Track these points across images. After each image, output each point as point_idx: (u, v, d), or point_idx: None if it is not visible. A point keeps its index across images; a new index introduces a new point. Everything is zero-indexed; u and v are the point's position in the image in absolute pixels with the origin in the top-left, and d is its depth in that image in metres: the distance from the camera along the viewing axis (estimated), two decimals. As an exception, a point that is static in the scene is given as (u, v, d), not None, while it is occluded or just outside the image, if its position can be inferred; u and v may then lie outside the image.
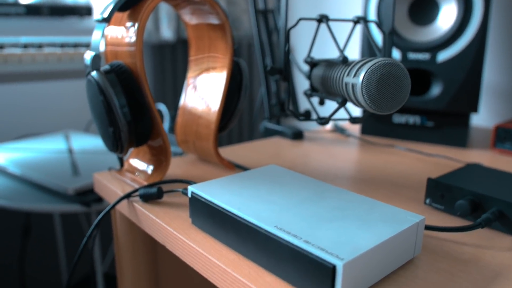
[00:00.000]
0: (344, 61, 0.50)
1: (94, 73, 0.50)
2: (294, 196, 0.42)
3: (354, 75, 0.44)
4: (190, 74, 0.65)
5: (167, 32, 1.56)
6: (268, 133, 0.89)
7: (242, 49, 1.74)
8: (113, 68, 0.52)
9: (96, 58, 0.51)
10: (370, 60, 0.44)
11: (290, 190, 0.43)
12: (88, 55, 0.51)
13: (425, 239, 0.43)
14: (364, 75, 0.42)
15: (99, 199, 0.84)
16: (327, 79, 0.53)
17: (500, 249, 0.42)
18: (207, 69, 0.63)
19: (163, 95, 1.67)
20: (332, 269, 0.30)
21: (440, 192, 0.50)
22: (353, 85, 0.44)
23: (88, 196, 0.84)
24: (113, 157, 1.05)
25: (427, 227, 0.43)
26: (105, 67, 0.52)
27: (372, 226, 0.36)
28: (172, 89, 1.67)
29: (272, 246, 0.35)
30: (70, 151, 1.09)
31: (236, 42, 1.74)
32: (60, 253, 1.52)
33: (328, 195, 0.42)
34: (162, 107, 1.39)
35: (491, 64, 1.06)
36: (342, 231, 0.34)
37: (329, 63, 0.55)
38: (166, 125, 1.28)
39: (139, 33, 0.51)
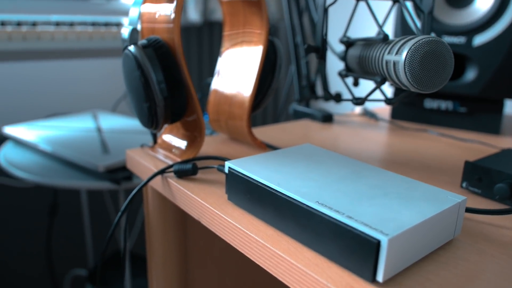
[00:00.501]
0: (385, 39, 0.49)
1: (131, 47, 0.50)
2: (332, 174, 0.41)
3: (396, 53, 0.43)
4: (224, 49, 0.65)
5: (193, 14, 1.55)
6: (297, 115, 0.89)
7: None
8: (151, 42, 0.52)
9: (134, 32, 0.51)
10: (413, 38, 0.43)
11: (328, 168, 0.43)
12: (126, 30, 0.52)
13: (464, 221, 0.43)
14: (408, 52, 0.41)
15: (129, 177, 0.85)
16: (365, 58, 0.53)
17: (542, 233, 0.41)
18: (241, 43, 0.62)
19: (188, 78, 1.67)
20: (377, 244, 0.30)
21: (478, 175, 0.49)
22: (395, 63, 0.44)
23: (118, 173, 0.85)
24: (141, 137, 1.06)
25: (468, 209, 0.42)
26: (142, 41, 0.52)
27: (414, 204, 0.35)
28: (197, 71, 1.67)
29: (313, 221, 0.34)
30: (99, 129, 1.10)
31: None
32: (86, 231, 1.54)
33: (366, 174, 0.42)
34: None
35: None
36: (384, 208, 0.34)
37: (367, 42, 0.54)
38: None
39: (178, 9, 0.51)
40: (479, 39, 0.77)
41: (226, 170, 0.44)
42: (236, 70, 0.62)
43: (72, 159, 0.90)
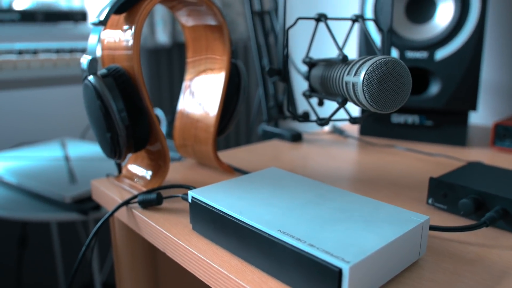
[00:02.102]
0: (344, 60, 0.49)
1: (91, 77, 0.49)
2: (296, 199, 0.41)
3: (355, 74, 0.44)
4: (187, 76, 0.64)
5: (162, 36, 1.55)
6: (267, 135, 0.89)
7: (238, 51, 1.74)
8: (110, 72, 0.51)
9: (93, 62, 0.50)
10: (371, 58, 0.43)
11: (292, 192, 0.43)
12: (85, 59, 0.51)
13: (429, 240, 0.43)
14: (365, 74, 0.42)
15: (97, 207, 0.83)
16: (327, 79, 0.53)
17: (506, 248, 0.41)
18: (204, 71, 0.62)
19: (159, 100, 1.66)
20: (338, 272, 0.29)
21: (443, 191, 0.50)
22: (354, 84, 0.44)
23: (86, 204, 0.83)
24: (110, 164, 1.04)
25: (432, 228, 0.42)
26: (102, 71, 0.51)
27: (376, 227, 0.35)
28: (169, 93, 1.66)
29: (275, 250, 0.34)
30: (66, 158, 1.08)
31: (233, 44, 1.73)
32: (58, 262, 1.50)
33: (330, 197, 0.41)
34: (158, 112, 1.38)
35: (489, 61, 1.05)
36: (347, 233, 0.34)
37: (328, 63, 0.54)
38: (163, 130, 1.27)
39: (136, 36, 0.50)
40: (441, 53, 0.79)
41: (190, 200, 0.43)
42: (201, 95, 0.62)
43: (38, 191, 0.88)
